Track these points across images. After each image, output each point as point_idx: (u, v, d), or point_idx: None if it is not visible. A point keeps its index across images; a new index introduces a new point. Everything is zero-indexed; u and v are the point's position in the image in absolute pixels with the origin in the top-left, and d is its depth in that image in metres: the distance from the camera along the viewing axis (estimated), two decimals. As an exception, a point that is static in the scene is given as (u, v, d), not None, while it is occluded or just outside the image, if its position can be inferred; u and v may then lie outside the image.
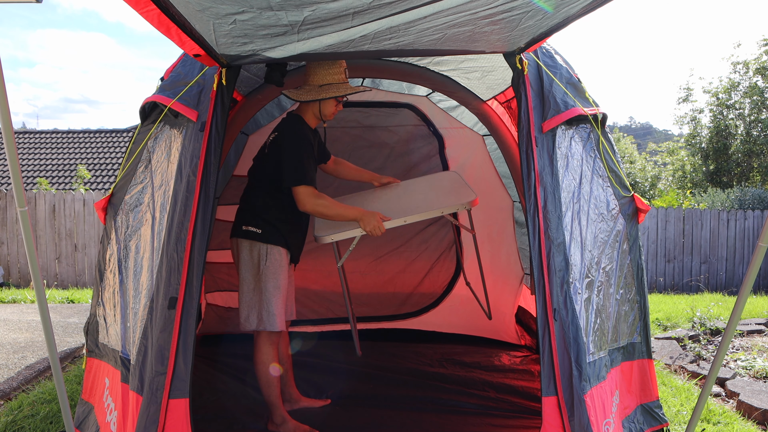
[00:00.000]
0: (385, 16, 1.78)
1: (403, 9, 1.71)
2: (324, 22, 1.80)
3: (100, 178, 15.40)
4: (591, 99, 2.66)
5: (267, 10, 1.67)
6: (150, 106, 2.60)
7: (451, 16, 1.85)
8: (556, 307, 2.24)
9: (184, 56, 2.62)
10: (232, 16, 1.73)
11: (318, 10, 1.67)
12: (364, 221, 2.70)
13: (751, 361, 4.05)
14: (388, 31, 2.01)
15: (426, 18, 1.85)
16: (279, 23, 1.79)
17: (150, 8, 1.61)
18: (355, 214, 2.71)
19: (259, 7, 1.65)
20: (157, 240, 2.34)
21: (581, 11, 1.87)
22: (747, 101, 15.12)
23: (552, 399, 2.19)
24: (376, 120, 4.25)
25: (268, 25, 1.82)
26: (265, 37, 1.95)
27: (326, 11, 1.69)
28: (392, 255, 4.45)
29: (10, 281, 8.57)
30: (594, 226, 2.53)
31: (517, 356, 3.91)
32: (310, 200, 2.63)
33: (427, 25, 1.96)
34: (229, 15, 1.72)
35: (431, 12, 1.77)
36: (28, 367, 3.82)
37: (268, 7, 1.64)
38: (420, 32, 2.05)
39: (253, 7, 1.64)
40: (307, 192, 2.63)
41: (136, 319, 2.34)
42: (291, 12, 1.69)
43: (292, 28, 1.85)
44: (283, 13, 1.70)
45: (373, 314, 4.45)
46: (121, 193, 2.69)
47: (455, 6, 1.73)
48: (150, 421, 2.07)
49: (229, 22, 1.77)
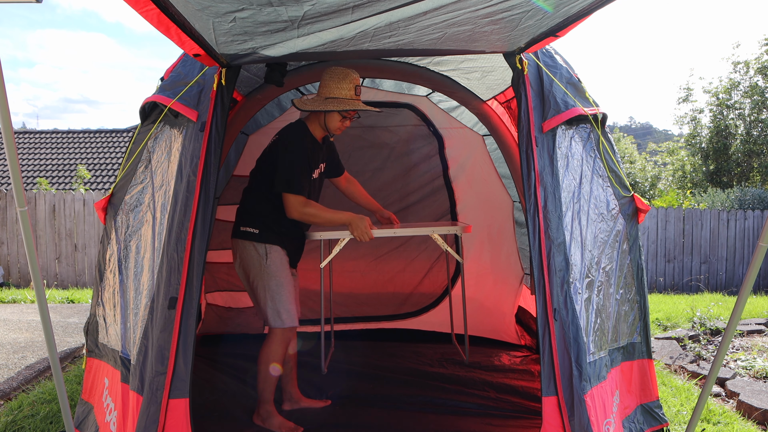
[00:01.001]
0: (384, 11, 1.78)
1: (403, 3, 1.70)
2: (324, 16, 1.80)
3: (100, 178, 15.40)
4: (591, 99, 2.66)
5: (267, 6, 1.67)
6: (150, 106, 2.60)
7: (451, 13, 1.84)
8: (557, 306, 2.24)
9: (184, 56, 2.62)
10: (232, 14, 1.73)
11: (318, 4, 1.67)
12: (352, 225, 2.76)
13: (751, 361, 4.05)
14: (388, 29, 2.01)
15: (426, 14, 1.84)
16: (279, 19, 1.79)
17: (149, 8, 1.61)
18: (344, 218, 2.77)
19: (259, 4, 1.65)
20: (157, 240, 2.34)
21: (581, 12, 1.87)
22: (747, 101, 15.12)
23: (552, 399, 2.19)
24: (376, 120, 4.25)
25: (268, 22, 1.82)
26: (264, 33, 1.95)
27: (326, 5, 1.69)
28: (392, 254, 4.45)
29: (10, 281, 8.57)
30: (594, 225, 2.53)
31: (517, 356, 3.91)
32: (297, 208, 2.69)
33: (427, 23, 1.96)
34: (229, 13, 1.72)
35: (431, 7, 1.77)
36: (28, 367, 3.82)
37: (268, 2, 1.64)
38: (420, 30, 2.04)
39: (253, 3, 1.64)
40: (295, 200, 2.68)
41: (137, 319, 2.34)
42: (291, 7, 1.69)
43: (292, 24, 1.85)
44: (283, 8, 1.69)
45: (373, 314, 4.46)
46: (121, 193, 2.69)
47: (455, 2, 1.73)
48: (150, 421, 2.07)
49: (229, 20, 1.77)
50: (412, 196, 4.40)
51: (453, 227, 3.04)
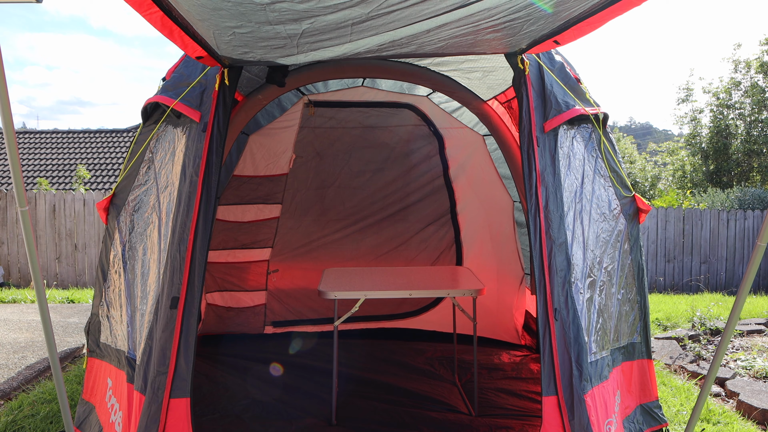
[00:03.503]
0: (385, 32, 1.77)
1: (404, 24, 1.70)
2: (323, 34, 1.79)
3: (100, 178, 15.39)
4: (592, 99, 2.66)
5: (265, 24, 1.66)
6: (152, 107, 2.60)
7: (454, 29, 1.84)
8: (557, 307, 2.23)
9: (185, 56, 2.61)
10: (231, 29, 1.73)
11: (316, 22, 1.67)
12: None
13: (751, 361, 4.05)
14: (390, 45, 2.00)
15: (429, 32, 1.84)
16: (278, 36, 1.79)
17: (153, 10, 1.62)
18: None
19: (257, 22, 1.65)
20: (164, 242, 2.34)
21: (581, 15, 1.86)
22: (747, 101, 15.12)
23: (552, 399, 2.18)
24: (376, 120, 4.25)
25: (267, 38, 1.82)
26: (264, 48, 1.95)
27: (324, 23, 1.68)
28: (392, 254, 4.45)
29: (10, 281, 8.57)
30: (596, 225, 2.53)
31: (517, 356, 3.92)
32: None
33: (429, 38, 1.95)
34: (228, 28, 1.72)
35: (433, 26, 1.76)
36: (28, 367, 3.82)
37: (267, 21, 1.64)
38: (422, 44, 2.04)
39: (252, 21, 1.64)
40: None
41: (143, 320, 2.34)
42: (289, 26, 1.68)
43: (291, 41, 1.85)
44: (281, 27, 1.69)
45: (374, 313, 4.46)
46: (123, 193, 2.68)
47: (457, 20, 1.72)
48: (151, 420, 2.07)
49: (228, 33, 1.77)
50: (413, 196, 4.41)
51: (468, 290, 2.94)
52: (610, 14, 1.79)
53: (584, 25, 1.93)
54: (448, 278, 3.27)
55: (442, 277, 3.30)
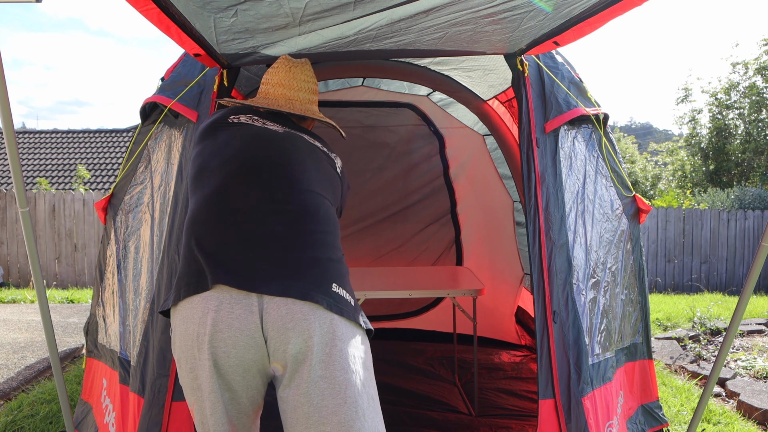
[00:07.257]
0: (387, 8, 1.78)
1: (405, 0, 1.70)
2: (325, 12, 1.79)
3: (100, 178, 15.39)
4: (593, 99, 2.65)
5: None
6: (150, 107, 2.59)
7: (454, 13, 1.84)
8: (556, 309, 2.22)
9: (184, 56, 2.61)
10: (234, 8, 1.72)
11: None
12: None
13: (752, 361, 4.04)
14: (389, 29, 2.00)
15: (428, 13, 1.84)
16: (280, 11, 1.79)
17: (150, 7, 1.61)
18: None
19: None
20: (156, 241, 2.33)
21: (582, 15, 1.86)
22: (746, 101, 15.11)
23: (549, 402, 2.16)
24: (376, 120, 4.25)
25: (269, 16, 1.81)
26: (266, 31, 1.95)
27: None
28: (392, 254, 4.44)
29: (10, 281, 8.56)
30: (599, 226, 2.51)
31: (517, 356, 3.91)
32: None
33: (429, 23, 1.95)
34: (231, 7, 1.71)
35: (433, 5, 1.76)
36: (28, 367, 3.81)
37: None
38: (421, 31, 2.04)
39: None
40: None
41: (136, 321, 2.33)
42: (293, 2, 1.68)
43: (293, 19, 1.85)
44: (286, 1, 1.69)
45: (373, 313, 4.46)
46: (121, 193, 2.68)
47: (458, 1, 1.72)
48: (152, 423, 2.06)
49: (231, 14, 1.76)
50: (413, 196, 4.40)
51: (468, 290, 2.97)
52: (610, 14, 1.79)
53: (584, 26, 1.93)
54: (448, 278, 3.27)
55: (442, 277, 3.30)
